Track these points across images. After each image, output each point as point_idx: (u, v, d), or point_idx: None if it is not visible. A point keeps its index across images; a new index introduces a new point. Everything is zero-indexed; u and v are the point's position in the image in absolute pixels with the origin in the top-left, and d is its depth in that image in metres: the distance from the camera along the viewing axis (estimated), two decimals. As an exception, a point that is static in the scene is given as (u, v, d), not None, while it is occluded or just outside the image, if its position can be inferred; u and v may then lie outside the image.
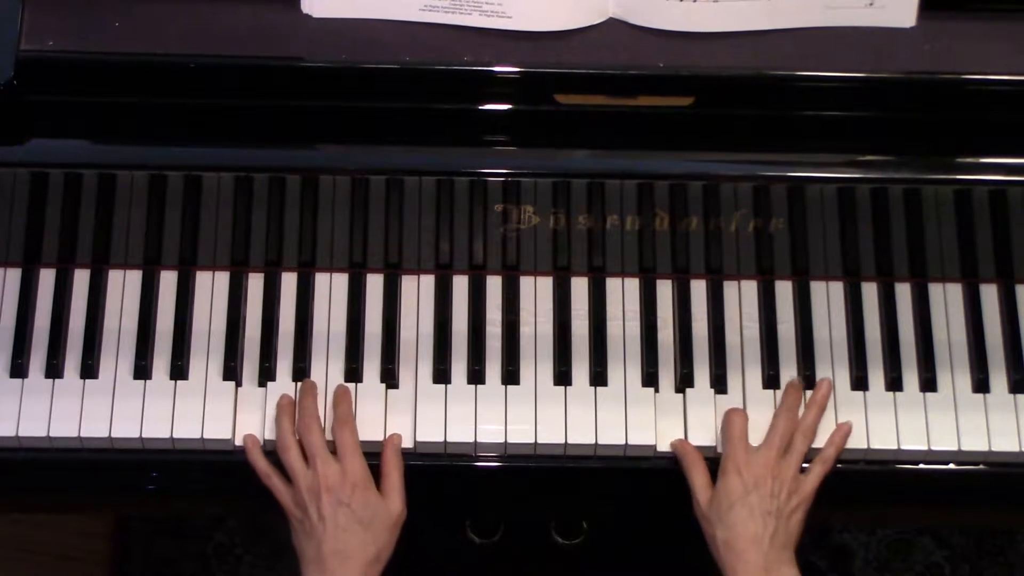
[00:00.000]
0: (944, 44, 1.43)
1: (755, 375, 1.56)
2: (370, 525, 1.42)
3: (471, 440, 1.52)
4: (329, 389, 1.53)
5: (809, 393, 1.53)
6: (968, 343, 1.57)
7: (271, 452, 1.50)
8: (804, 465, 1.49)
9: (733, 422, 1.49)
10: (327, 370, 1.54)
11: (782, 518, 1.43)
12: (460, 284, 1.58)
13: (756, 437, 1.50)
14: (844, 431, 1.51)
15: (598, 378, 1.55)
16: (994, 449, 1.53)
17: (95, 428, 1.51)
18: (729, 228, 1.55)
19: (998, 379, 1.56)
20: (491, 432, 1.53)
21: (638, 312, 1.57)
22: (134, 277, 1.57)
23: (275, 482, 1.47)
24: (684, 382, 1.55)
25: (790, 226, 1.55)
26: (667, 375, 1.56)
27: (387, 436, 1.50)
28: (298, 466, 1.45)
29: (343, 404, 1.50)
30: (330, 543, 1.40)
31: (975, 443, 1.53)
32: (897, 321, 1.58)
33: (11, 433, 1.50)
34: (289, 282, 1.57)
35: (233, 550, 2.30)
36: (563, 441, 1.52)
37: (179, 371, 1.53)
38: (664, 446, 1.52)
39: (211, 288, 1.57)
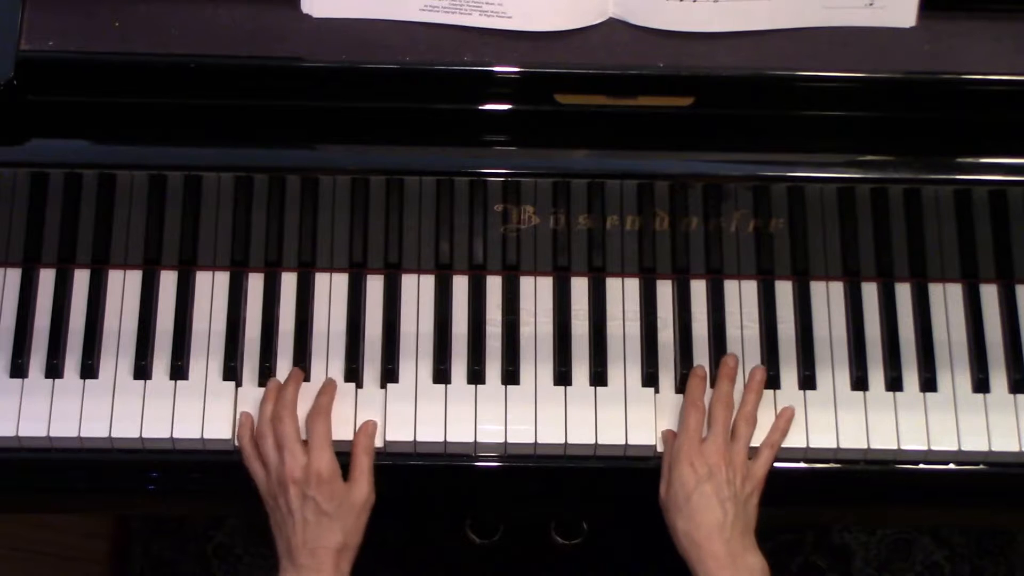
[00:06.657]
0: (944, 44, 1.43)
1: (755, 375, 1.55)
2: (335, 515, 1.43)
3: (471, 440, 1.52)
4: (329, 389, 1.53)
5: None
6: (968, 343, 1.57)
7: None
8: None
9: (690, 414, 1.50)
10: (327, 370, 1.54)
11: (739, 503, 1.44)
12: (460, 284, 1.58)
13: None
14: (787, 415, 1.52)
15: (598, 378, 1.55)
16: (994, 449, 1.53)
17: (95, 428, 1.51)
18: (729, 228, 1.55)
19: (998, 379, 1.57)
20: (491, 432, 1.53)
21: (638, 312, 1.57)
22: (134, 277, 1.57)
23: (255, 467, 1.48)
24: (684, 382, 1.54)
25: (790, 226, 1.55)
26: (667, 375, 1.56)
27: (361, 424, 1.50)
28: (271, 455, 1.46)
29: (324, 396, 1.51)
30: (298, 535, 1.42)
31: (975, 443, 1.53)
32: (897, 321, 1.58)
33: (11, 433, 1.50)
34: (289, 282, 1.57)
35: (233, 550, 2.30)
36: (563, 441, 1.52)
37: (179, 371, 1.53)
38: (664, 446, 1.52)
39: (211, 288, 1.57)
